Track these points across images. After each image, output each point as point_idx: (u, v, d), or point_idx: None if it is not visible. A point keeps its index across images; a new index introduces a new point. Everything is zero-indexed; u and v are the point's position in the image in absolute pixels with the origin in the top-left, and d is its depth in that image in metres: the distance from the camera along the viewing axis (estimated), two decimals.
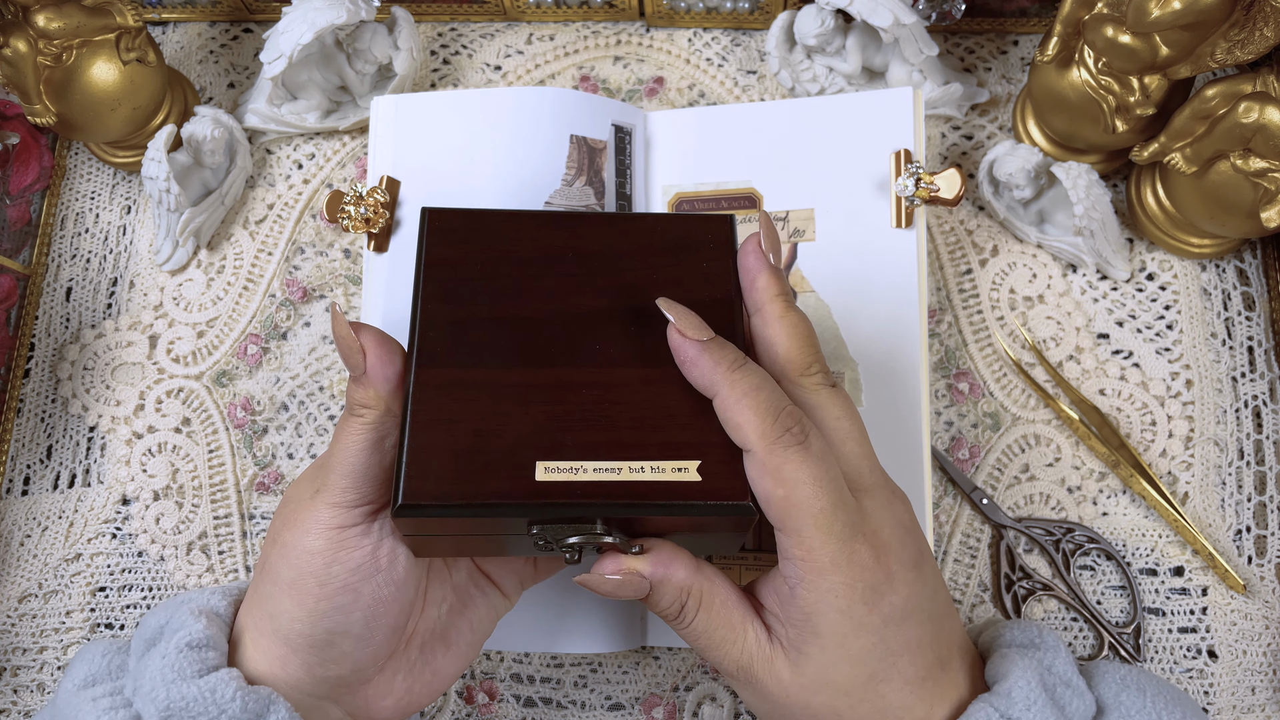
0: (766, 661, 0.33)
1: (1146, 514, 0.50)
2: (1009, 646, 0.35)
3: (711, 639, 0.33)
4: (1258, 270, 0.53)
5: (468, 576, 0.38)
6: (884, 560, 0.32)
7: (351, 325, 0.33)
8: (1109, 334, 0.53)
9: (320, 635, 0.33)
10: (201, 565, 0.52)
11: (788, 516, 0.31)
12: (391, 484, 0.33)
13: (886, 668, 0.32)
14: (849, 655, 0.32)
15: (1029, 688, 0.32)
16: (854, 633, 0.31)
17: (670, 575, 0.33)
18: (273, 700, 0.32)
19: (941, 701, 0.33)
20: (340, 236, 0.57)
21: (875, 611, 0.32)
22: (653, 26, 0.60)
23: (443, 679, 0.37)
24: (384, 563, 0.33)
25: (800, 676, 0.32)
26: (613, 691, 0.49)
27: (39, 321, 0.57)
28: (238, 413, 0.54)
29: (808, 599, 0.31)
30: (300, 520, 0.33)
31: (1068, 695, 0.33)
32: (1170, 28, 0.44)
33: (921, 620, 0.33)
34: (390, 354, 0.34)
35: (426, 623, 0.37)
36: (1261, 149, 0.45)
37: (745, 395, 0.31)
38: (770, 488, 0.31)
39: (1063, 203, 0.52)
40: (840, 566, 0.31)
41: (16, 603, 0.52)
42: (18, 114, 0.56)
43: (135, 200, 0.59)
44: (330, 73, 0.56)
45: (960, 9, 0.54)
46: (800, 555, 0.31)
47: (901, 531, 0.33)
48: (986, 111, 0.57)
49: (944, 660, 0.33)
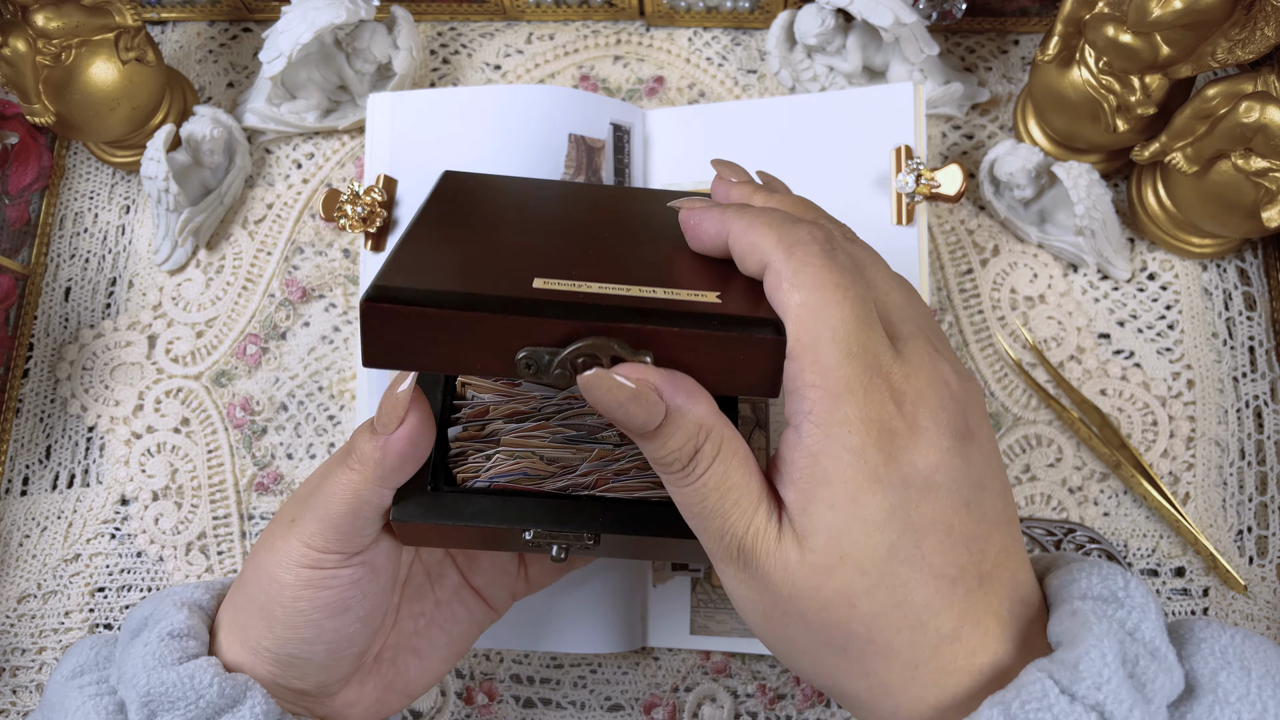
0: (773, 542, 0.28)
1: (1148, 515, 0.50)
2: (1083, 599, 0.28)
3: (722, 501, 0.28)
4: (1259, 270, 0.53)
5: (453, 592, 0.38)
6: (910, 411, 0.27)
7: (410, 393, 0.31)
8: (1110, 334, 0.53)
9: (284, 656, 0.33)
10: (200, 565, 0.52)
11: (803, 329, 0.27)
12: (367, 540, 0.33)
13: (908, 544, 0.27)
14: (862, 516, 0.27)
15: (1103, 660, 0.25)
16: (868, 485, 0.26)
17: (691, 406, 0.28)
18: (249, 687, 0.32)
19: (976, 627, 0.27)
20: (340, 236, 0.56)
21: (893, 465, 0.27)
22: (653, 26, 0.60)
23: (415, 689, 0.37)
24: (353, 601, 0.33)
25: (809, 553, 0.27)
26: (612, 692, 0.49)
27: (38, 321, 0.57)
28: (237, 413, 0.54)
29: (815, 436, 0.27)
30: (275, 547, 0.33)
31: (1152, 670, 0.26)
32: (1171, 27, 0.44)
33: (955, 504, 0.27)
34: (419, 441, 0.32)
35: (399, 637, 0.37)
36: (1262, 148, 0.45)
37: (759, 216, 0.28)
38: (786, 293, 0.27)
39: (1064, 202, 0.52)
40: (855, 395, 0.27)
41: (15, 603, 0.52)
42: (17, 113, 0.56)
43: (134, 200, 0.59)
44: (329, 72, 0.56)
45: (961, 8, 0.53)
46: (812, 380, 0.27)
47: (942, 389, 0.28)
48: (987, 111, 0.57)
49: (985, 577, 0.27)
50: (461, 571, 0.39)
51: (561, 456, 0.35)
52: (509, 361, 0.28)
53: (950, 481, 0.27)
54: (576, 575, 0.47)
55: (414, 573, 0.38)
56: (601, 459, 0.35)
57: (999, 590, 0.28)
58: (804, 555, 0.27)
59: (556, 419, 0.35)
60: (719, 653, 0.49)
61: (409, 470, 0.32)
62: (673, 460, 0.28)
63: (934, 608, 0.27)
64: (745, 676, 0.49)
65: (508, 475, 0.34)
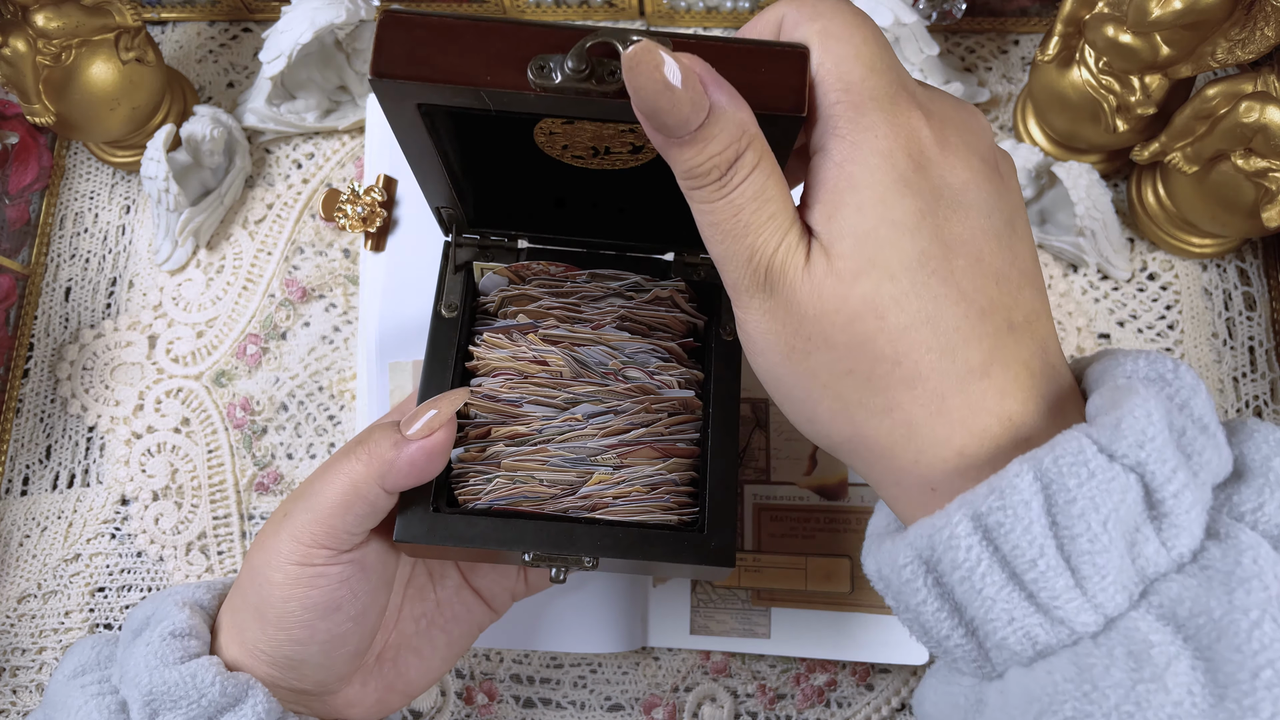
0: (802, 259, 0.26)
1: None
2: (1128, 379, 0.26)
3: (758, 213, 0.26)
4: (1259, 270, 0.53)
5: (454, 592, 0.38)
6: (938, 126, 0.26)
7: (451, 413, 0.32)
8: (1110, 334, 0.53)
9: (280, 658, 0.33)
10: (201, 565, 0.52)
11: (826, 51, 0.25)
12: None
13: (938, 255, 0.25)
14: (891, 217, 0.25)
15: (1147, 420, 0.23)
16: (896, 187, 0.25)
17: (735, 108, 0.25)
18: (251, 686, 0.32)
19: (1006, 370, 0.25)
20: (340, 236, 0.56)
21: (923, 173, 0.25)
22: (653, 26, 0.60)
23: (416, 688, 0.38)
24: (343, 600, 0.33)
25: (837, 259, 0.25)
26: (612, 692, 0.49)
27: (38, 321, 0.57)
28: (237, 413, 0.54)
29: (841, 148, 0.25)
30: (266, 546, 0.33)
31: (1200, 443, 0.24)
32: (1171, 27, 0.44)
33: (987, 231, 0.26)
34: (436, 459, 0.32)
35: (401, 637, 0.37)
36: (1262, 148, 0.45)
37: None
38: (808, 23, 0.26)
39: (1064, 202, 0.52)
40: (881, 104, 0.25)
41: (16, 603, 0.52)
42: (17, 113, 0.56)
43: (134, 200, 0.59)
44: (329, 72, 0.56)
45: (961, 8, 0.53)
46: (837, 97, 0.25)
47: (969, 118, 0.27)
48: (987, 111, 0.57)
49: (1016, 327, 0.26)
50: (462, 573, 0.39)
51: (561, 479, 0.35)
52: (521, 71, 0.26)
53: (981, 204, 0.26)
54: (577, 576, 0.47)
55: (416, 573, 0.38)
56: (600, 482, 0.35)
57: (1030, 344, 0.26)
58: (831, 263, 0.25)
59: (556, 442, 0.35)
60: (719, 652, 0.49)
61: (413, 482, 0.32)
62: (710, 169, 0.25)
63: (964, 334, 0.25)
64: (745, 676, 0.49)
65: (507, 499, 0.35)
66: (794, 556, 0.46)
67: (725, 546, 0.34)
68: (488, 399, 0.36)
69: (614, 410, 0.36)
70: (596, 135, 0.33)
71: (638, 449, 0.35)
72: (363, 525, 0.33)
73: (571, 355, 0.36)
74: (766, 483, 0.47)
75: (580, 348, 0.37)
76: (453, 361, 0.37)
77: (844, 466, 0.46)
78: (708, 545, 0.34)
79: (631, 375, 0.36)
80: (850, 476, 0.47)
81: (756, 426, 0.48)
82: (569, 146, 0.34)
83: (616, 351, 0.37)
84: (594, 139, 0.34)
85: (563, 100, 0.27)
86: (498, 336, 0.37)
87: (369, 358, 0.49)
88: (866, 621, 0.45)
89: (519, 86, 0.26)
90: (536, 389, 0.36)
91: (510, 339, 0.37)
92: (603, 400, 0.36)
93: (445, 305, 0.38)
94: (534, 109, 0.27)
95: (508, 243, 0.39)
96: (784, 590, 0.46)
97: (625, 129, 0.33)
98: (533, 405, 0.36)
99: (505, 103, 0.27)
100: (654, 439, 0.36)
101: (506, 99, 0.27)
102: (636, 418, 0.36)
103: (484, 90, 0.26)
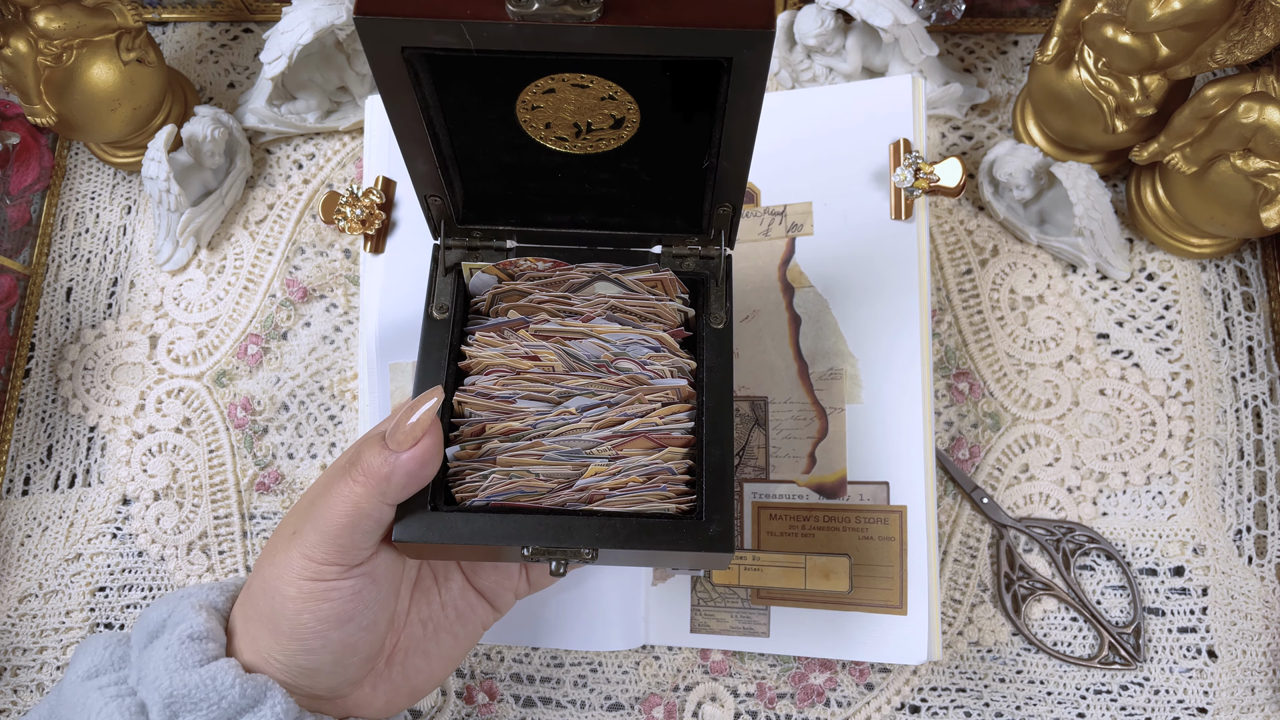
0: None
1: (1146, 514, 0.50)
2: None
3: None
4: (1257, 270, 0.53)
5: (458, 593, 0.39)
6: None
7: (433, 415, 0.32)
8: (1109, 334, 0.53)
9: (294, 666, 0.33)
10: (201, 565, 0.52)
11: None
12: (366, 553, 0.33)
13: None
14: None
15: None
16: None
17: None
18: (269, 687, 0.33)
19: None
20: (340, 236, 0.57)
21: None
22: None
23: (423, 689, 0.38)
24: (355, 612, 0.33)
25: None
26: (612, 691, 0.49)
27: (39, 321, 0.57)
28: (238, 413, 0.54)
29: None
30: (277, 560, 0.33)
31: None
32: (1170, 28, 0.44)
33: None
34: (429, 464, 0.32)
35: (408, 640, 0.37)
36: (1261, 149, 0.45)
37: None
38: None
39: (1063, 203, 0.52)
40: None
41: (17, 603, 0.52)
42: (18, 114, 0.56)
43: (135, 200, 0.59)
44: (330, 73, 0.56)
45: (960, 9, 0.54)
46: None
47: None
48: (986, 112, 0.57)
49: None
50: (465, 574, 0.39)
51: (557, 473, 0.35)
52: (500, 3, 0.27)
53: None
54: (577, 574, 0.47)
55: (422, 576, 0.39)
56: (596, 474, 0.35)
57: None
58: None
59: (551, 436, 0.35)
60: (719, 651, 0.49)
61: (413, 490, 0.32)
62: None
63: None
64: (745, 676, 0.49)
65: (504, 494, 0.35)
66: (793, 555, 0.46)
67: (724, 533, 0.34)
68: (481, 396, 0.36)
69: (607, 402, 0.36)
70: (578, 107, 0.33)
71: (632, 440, 0.36)
72: (371, 540, 0.33)
73: (563, 349, 0.36)
74: (765, 481, 0.47)
75: (572, 341, 0.37)
76: (445, 362, 0.37)
77: (843, 465, 0.47)
78: (706, 532, 0.34)
79: (623, 366, 0.37)
80: (849, 474, 0.47)
81: (755, 425, 0.48)
82: (552, 125, 0.34)
83: (608, 344, 0.37)
84: (576, 112, 0.34)
85: (542, 33, 0.27)
86: (489, 335, 0.37)
87: (369, 358, 0.49)
88: (866, 621, 0.45)
89: (498, 17, 0.27)
90: (529, 384, 0.36)
91: (502, 336, 0.37)
92: (595, 393, 0.36)
93: (436, 307, 0.38)
94: (514, 44, 0.28)
95: (496, 243, 0.39)
96: (783, 589, 0.46)
97: (605, 97, 0.33)
98: (526, 401, 0.36)
99: (486, 40, 0.28)
100: (648, 429, 0.36)
101: (487, 33, 0.28)
102: (630, 409, 0.36)
103: (464, 24, 0.27)
